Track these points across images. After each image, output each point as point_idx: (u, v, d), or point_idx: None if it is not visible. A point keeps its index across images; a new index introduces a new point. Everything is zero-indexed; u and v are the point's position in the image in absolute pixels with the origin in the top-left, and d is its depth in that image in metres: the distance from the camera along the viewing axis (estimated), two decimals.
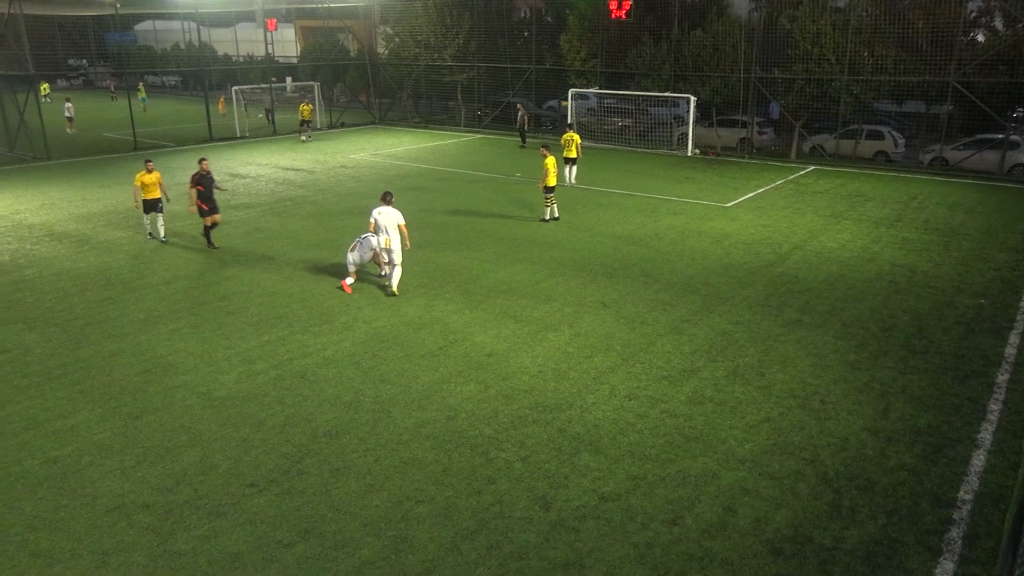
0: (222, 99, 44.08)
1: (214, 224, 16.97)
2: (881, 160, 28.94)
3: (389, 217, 13.36)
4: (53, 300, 13.65)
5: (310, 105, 35.37)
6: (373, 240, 13.93)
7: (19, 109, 29.58)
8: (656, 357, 11.23)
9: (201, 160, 16.88)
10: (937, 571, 6.81)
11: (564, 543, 7.14)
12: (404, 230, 13.48)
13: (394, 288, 13.73)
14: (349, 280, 14.13)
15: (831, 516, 7.55)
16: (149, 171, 17.05)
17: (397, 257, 13.60)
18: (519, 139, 33.54)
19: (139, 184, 16.95)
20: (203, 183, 16.47)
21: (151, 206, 17.29)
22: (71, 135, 35.98)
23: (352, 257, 14.10)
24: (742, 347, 11.60)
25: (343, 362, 11.06)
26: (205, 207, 16.55)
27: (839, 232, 18.37)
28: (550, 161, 18.71)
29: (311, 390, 10.20)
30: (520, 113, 33.34)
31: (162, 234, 17.53)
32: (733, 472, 8.29)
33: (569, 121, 31.41)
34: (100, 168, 27.50)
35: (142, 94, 49.74)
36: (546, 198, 19.07)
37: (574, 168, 23.79)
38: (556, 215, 19.32)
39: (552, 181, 18.77)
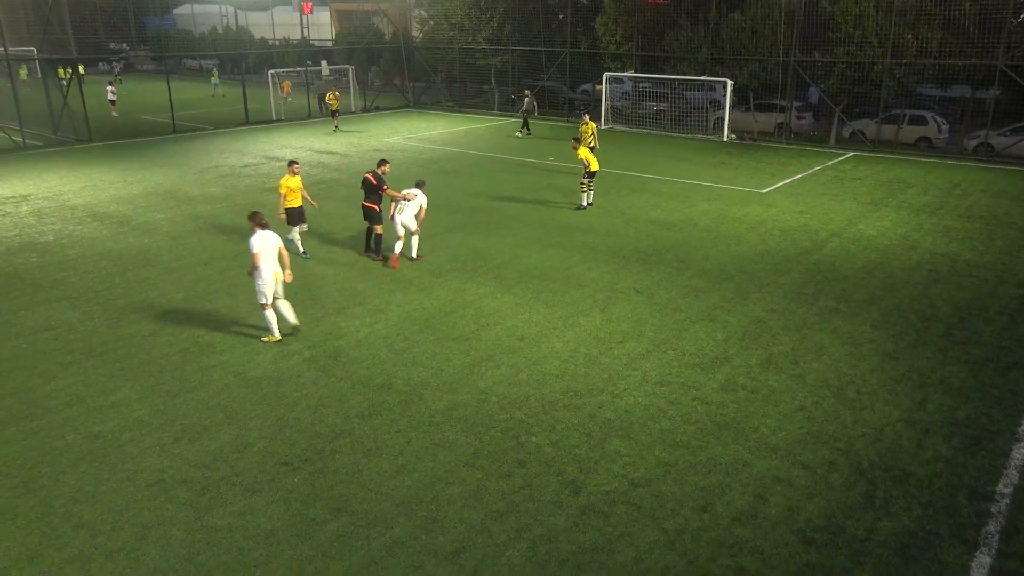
0: (287, 83, 43.72)
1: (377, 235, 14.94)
2: (923, 146, 28.26)
3: (271, 243, 10.80)
4: (95, 280, 13.97)
5: (338, 92, 35.07)
6: (412, 205, 14.18)
7: (63, 92, 30.19)
8: (688, 344, 11.16)
9: (382, 162, 14.80)
10: (973, 565, 6.70)
11: (593, 527, 7.16)
12: (286, 257, 10.97)
13: (292, 321, 11.31)
14: (397, 250, 14.34)
15: (864, 507, 7.46)
16: (294, 173, 14.59)
17: (281, 289, 11.13)
18: (522, 124, 31.83)
19: (284, 191, 14.56)
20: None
21: (297, 216, 14.89)
22: (115, 118, 36.58)
23: (400, 219, 14.24)
24: (776, 335, 11.47)
25: (376, 344, 11.17)
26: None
27: (878, 219, 18.01)
28: (582, 151, 18.57)
29: (344, 371, 10.32)
30: (527, 99, 32.28)
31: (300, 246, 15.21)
32: (765, 460, 8.22)
33: (585, 109, 30.47)
34: (140, 151, 27.97)
35: (215, 79, 49.87)
36: (583, 183, 18.90)
37: None
38: (591, 202, 19.17)
39: (595, 166, 18.62)
